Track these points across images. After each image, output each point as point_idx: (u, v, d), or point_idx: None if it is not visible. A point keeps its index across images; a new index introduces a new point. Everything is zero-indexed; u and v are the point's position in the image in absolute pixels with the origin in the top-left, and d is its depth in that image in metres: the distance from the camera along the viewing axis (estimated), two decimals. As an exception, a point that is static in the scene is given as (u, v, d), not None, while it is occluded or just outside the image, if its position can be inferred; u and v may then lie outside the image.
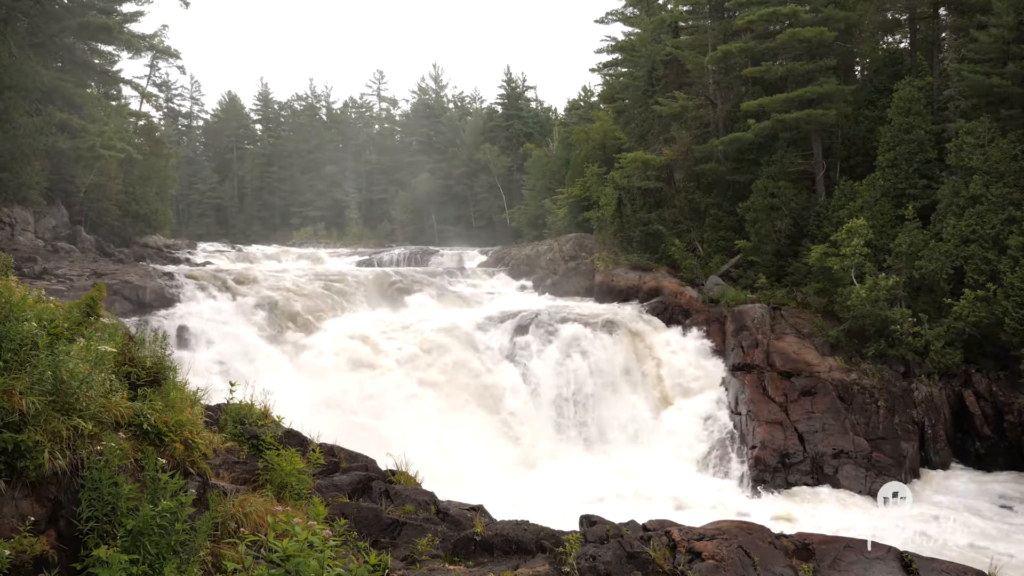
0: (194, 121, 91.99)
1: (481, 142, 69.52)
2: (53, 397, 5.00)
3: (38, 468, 4.67)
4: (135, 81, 48.04)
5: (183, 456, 5.77)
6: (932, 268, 23.59)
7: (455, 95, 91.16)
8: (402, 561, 7.26)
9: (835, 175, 30.77)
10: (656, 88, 36.73)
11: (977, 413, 22.40)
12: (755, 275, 29.26)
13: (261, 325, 23.82)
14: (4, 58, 29.94)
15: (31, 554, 4.46)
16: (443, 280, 34.32)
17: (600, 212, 36.33)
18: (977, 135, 24.42)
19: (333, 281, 29.51)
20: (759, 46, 31.65)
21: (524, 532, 8.08)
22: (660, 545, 7.92)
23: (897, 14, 34.75)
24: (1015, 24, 24.63)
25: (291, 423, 9.47)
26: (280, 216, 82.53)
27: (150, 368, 6.75)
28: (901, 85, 27.77)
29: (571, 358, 24.24)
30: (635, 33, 50.03)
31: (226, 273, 28.90)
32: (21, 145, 30.43)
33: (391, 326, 25.50)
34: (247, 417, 8.46)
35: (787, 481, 20.84)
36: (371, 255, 49.00)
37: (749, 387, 23.19)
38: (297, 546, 4.79)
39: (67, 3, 37.47)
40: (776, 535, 8.53)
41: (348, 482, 8.94)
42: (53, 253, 30.08)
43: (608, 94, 51.63)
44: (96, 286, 7.20)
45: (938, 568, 8.02)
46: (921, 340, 23.06)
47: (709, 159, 34.57)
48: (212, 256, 43.64)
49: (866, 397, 22.47)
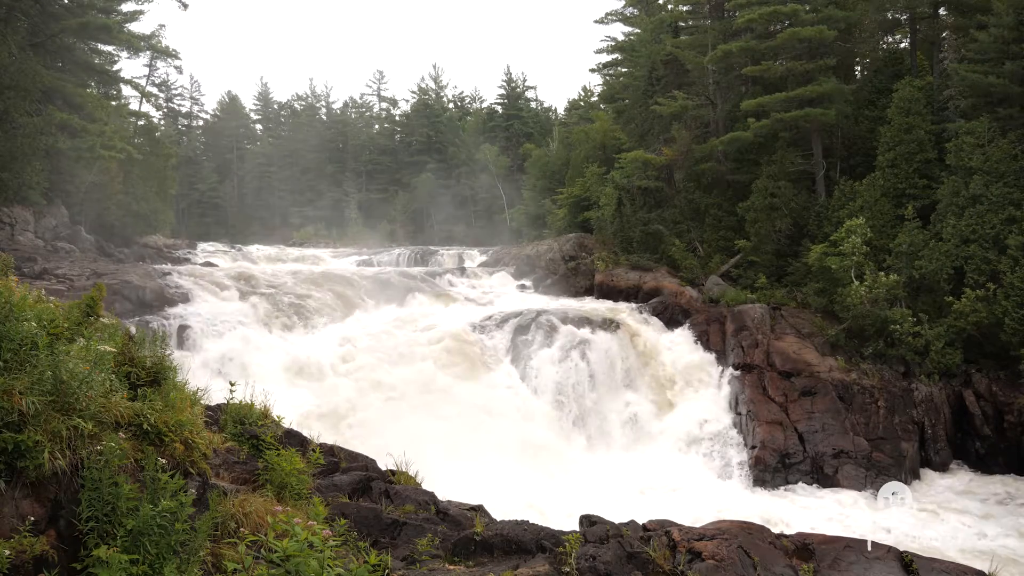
0: (194, 121, 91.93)
1: (481, 142, 69.55)
2: (53, 397, 5.00)
3: (38, 468, 4.67)
4: (135, 81, 48.09)
5: (183, 456, 5.77)
6: (932, 268, 23.59)
7: (455, 95, 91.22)
8: (402, 561, 7.26)
9: (835, 175, 30.77)
10: (656, 88, 36.71)
11: (977, 413, 22.40)
12: (755, 275, 29.26)
13: (260, 325, 23.81)
14: (4, 58, 29.94)
15: (31, 554, 4.46)
16: (443, 280, 34.31)
17: (600, 212, 36.31)
18: (977, 135, 24.42)
19: (333, 281, 29.50)
20: (759, 46, 31.64)
21: (524, 532, 8.08)
22: (660, 545, 7.92)
23: (897, 14, 34.73)
24: (1015, 24, 24.63)
25: (291, 423, 9.47)
26: (280, 216, 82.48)
27: (150, 368, 6.74)
28: (901, 85, 27.76)
29: (571, 358, 24.24)
30: (635, 33, 50.05)
31: (226, 273, 28.90)
32: (21, 145, 30.41)
33: (391, 326, 25.50)
34: (247, 417, 8.45)
35: (787, 481, 20.85)
36: (371, 255, 48.94)
37: (749, 387, 23.19)
38: (297, 546, 4.79)
39: (67, 3, 37.47)
40: (776, 535, 8.53)
41: (348, 482, 8.94)
42: (53, 253, 30.08)
43: (608, 94, 51.65)
44: (96, 286, 7.21)
45: (938, 568, 8.02)
46: (921, 340, 23.06)
47: (709, 159, 34.57)
48: (212, 256, 43.60)
49: (866, 397, 22.47)
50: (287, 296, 26.20)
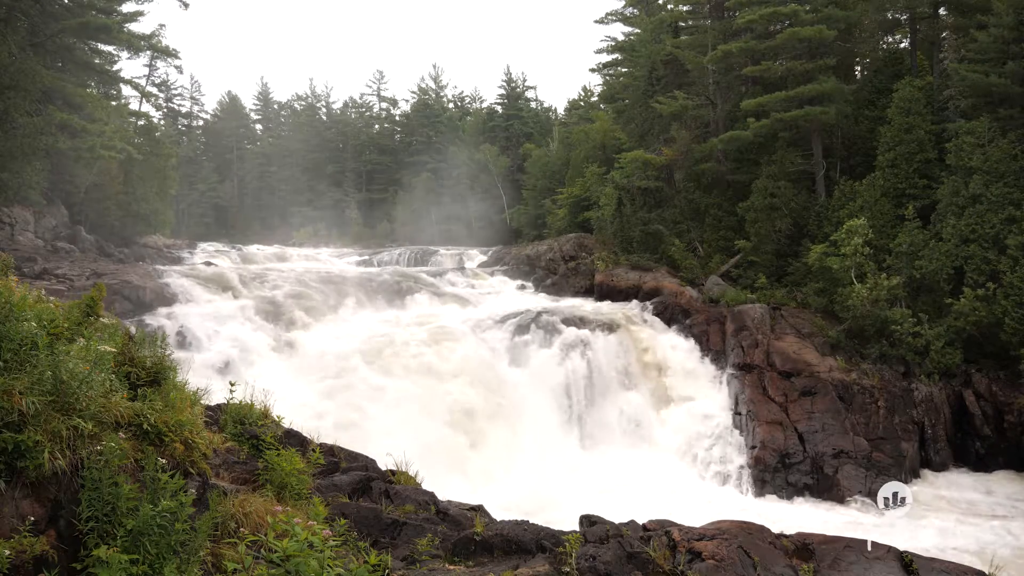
0: (194, 121, 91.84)
1: (481, 142, 69.45)
2: (53, 397, 5.00)
3: (38, 468, 4.67)
4: (135, 81, 48.05)
5: (183, 456, 5.77)
6: (932, 268, 23.59)
7: (455, 95, 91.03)
8: (402, 561, 7.26)
9: (835, 175, 30.77)
10: (656, 88, 36.71)
11: (977, 413, 22.40)
12: (755, 275, 29.26)
13: (261, 325, 23.81)
14: (4, 58, 29.92)
15: (31, 554, 4.46)
16: (443, 280, 34.31)
17: (600, 212, 36.31)
18: (977, 135, 24.42)
19: (333, 281, 29.51)
20: (759, 46, 31.64)
21: (524, 532, 8.08)
22: (660, 545, 7.92)
23: (897, 14, 34.74)
24: (1015, 24, 24.63)
25: (290, 423, 9.47)
26: (280, 216, 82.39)
27: (150, 368, 6.74)
28: (901, 85, 27.77)
29: (571, 358, 24.24)
30: (635, 33, 50.04)
31: (226, 273, 28.90)
32: (21, 145, 30.41)
33: (391, 326, 25.50)
34: (247, 417, 8.45)
35: (787, 481, 20.84)
36: (371, 255, 48.93)
37: (749, 387, 23.19)
38: (297, 546, 4.78)
39: (67, 3, 37.45)
40: (776, 535, 8.53)
41: (348, 482, 8.93)
42: (53, 253, 30.07)
43: (608, 94, 51.65)
44: (96, 286, 7.21)
45: (938, 568, 8.02)
46: (921, 340, 23.06)
47: (709, 159, 34.57)
48: (212, 256, 43.58)
49: (866, 397, 22.47)
50: (287, 296, 26.20)
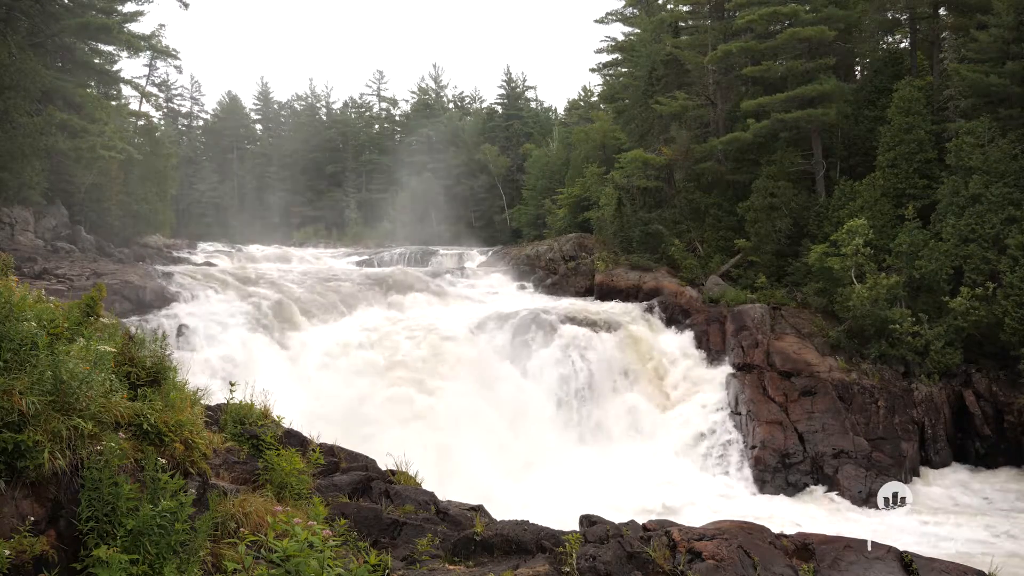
0: (194, 121, 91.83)
1: (481, 142, 69.46)
2: (53, 397, 4.99)
3: (38, 468, 4.66)
4: (135, 81, 48.08)
5: (183, 456, 5.77)
6: (932, 268, 23.58)
7: (455, 95, 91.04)
8: (402, 561, 7.25)
9: (835, 175, 30.76)
10: (656, 88, 36.71)
11: (977, 413, 22.41)
12: (755, 275, 29.26)
13: (261, 325, 23.82)
14: (4, 58, 29.93)
15: (31, 554, 4.46)
16: (443, 280, 34.31)
17: (600, 212, 36.31)
18: (977, 135, 24.42)
19: (333, 281, 29.52)
20: (759, 45, 31.64)
21: (524, 532, 8.07)
22: (660, 545, 7.91)
23: (897, 14, 34.73)
24: (1015, 24, 24.63)
25: (291, 423, 9.46)
26: (280, 216, 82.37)
27: (150, 368, 6.74)
28: (901, 85, 27.76)
29: (571, 358, 24.25)
30: (635, 33, 50.02)
31: (226, 273, 28.90)
32: (21, 145, 30.40)
33: (391, 326, 25.50)
34: (247, 417, 8.44)
35: (787, 481, 20.85)
36: (371, 255, 48.94)
37: (749, 387, 23.19)
38: (297, 546, 4.78)
39: (67, 3, 37.45)
40: (776, 535, 8.52)
41: (348, 482, 8.93)
42: (53, 253, 30.07)
43: (608, 94, 51.61)
44: (96, 286, 7.20)
45: (938, 568, 8.01)
46: (921, 340, 23.06)
47: (709, 159, 34.57)
48: (212, 256, 43.61)
49: (866, 397, 22.47)
50: (287, 296, 26.19)
